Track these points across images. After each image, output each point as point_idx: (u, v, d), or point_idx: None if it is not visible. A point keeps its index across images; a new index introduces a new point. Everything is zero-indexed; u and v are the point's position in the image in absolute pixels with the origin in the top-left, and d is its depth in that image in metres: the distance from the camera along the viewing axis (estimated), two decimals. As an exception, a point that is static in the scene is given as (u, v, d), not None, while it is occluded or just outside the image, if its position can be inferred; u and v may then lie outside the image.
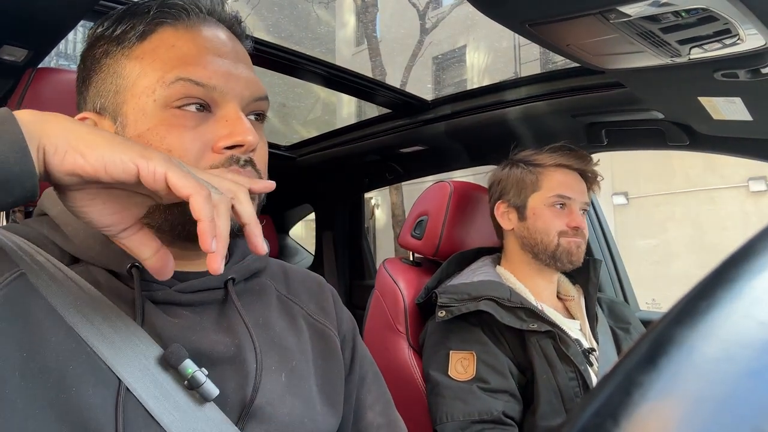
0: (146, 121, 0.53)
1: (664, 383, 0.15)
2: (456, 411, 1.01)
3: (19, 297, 0.49)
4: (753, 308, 0.16)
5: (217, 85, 0.54)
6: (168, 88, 0.52)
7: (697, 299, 0.17)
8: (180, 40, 0.54)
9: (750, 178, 7.58)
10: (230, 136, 0.53)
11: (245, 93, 0.56)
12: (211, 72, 0.53)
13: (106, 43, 0.56)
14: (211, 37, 0.56)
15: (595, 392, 0.16)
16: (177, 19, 0.55)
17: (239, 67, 0.56)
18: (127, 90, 0.54)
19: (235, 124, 0.54)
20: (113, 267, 0.55)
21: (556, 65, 8.00)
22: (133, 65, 0.54)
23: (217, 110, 0.55)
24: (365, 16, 8.76)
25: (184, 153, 0.52)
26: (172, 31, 0.55)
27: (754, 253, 0.18)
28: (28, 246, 0.54)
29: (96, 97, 0.56)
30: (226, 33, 0.58)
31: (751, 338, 0.16)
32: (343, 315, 0.74)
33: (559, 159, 1.21)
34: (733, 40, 0.71)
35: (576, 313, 1.21)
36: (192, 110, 0.53)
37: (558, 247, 1.17)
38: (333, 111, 12.88)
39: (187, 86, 0.52)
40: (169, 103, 0.53)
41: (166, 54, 0.53)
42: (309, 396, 0.61)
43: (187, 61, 0.53)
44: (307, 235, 6.94)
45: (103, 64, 0.56)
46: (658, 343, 0.16)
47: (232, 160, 0.54)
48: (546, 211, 1.19)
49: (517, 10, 0.73)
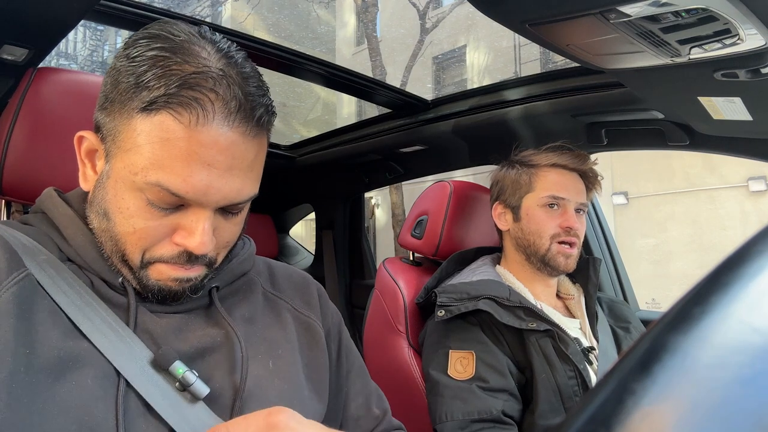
0: (123, 191, 0.54)
1: (658, 390, 0.15)
2: (455, 410, 1.01)
3: (26, 295, 0.52)
4: (747, 314, 0.16)
5: (193, 197, 0.53)
6: (147, 184, 0.52)
7: (691, 304, 0.17)
8: (174, 137, 0.51)
9: (750, 177, 7.57)
10: (186, 238, 0.55)
11: (221, 202, 0.55)
12: (190, 185, 0.52)
13: (131, 77, 0.53)
14: (209, 143, 0.52)
15: (589, 399, 0.16)
16: (185, 111, 0.51)
17: (228, 176, 0.54)
18: (120, 150, 0.54)
19: (195, 232, 0.54)
20: (106, 277, 0.58)
21: (556, 65, 8.00)
22: (130, 135, 0.53)
23: (189, 209, 0.55)
24: (365, 15, 8.75)
25: (144, 236, 0.54)
26: (172, 121, 0.51)
27: (749, 257, 0.18)
28: (32, 244, 0.57)
29: (103, 124, 0.56)
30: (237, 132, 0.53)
31: (745, 345, 0.16)
32: (329, 309, 0.77)
33: (554, 158, 1.19)
34: (733, 40, 0.71)
35: (576, 311, 1.21)
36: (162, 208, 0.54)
37: (548, 252, 1.16)
38: (333, 111, 12.87)
39: (163, 192, 0.52)
40: (144, 192, 0.53)
41: (158, 146, 0.51)
42: (297, 380, 0.65)
43: (171, 167, 0.52)
44: (307, 235, 6.94)
45: (117, 101, 0.54)
46: (651, 349, 0.16)
47: (182, 255, 0.56)
48: (539, 211, 1.18)
49: (517, 10, 0.73)
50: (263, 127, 0.57)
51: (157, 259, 0.56)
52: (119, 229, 0.55)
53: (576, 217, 1.18)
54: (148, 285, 0.56)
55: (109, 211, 0.55)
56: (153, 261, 0.56)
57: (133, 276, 0.57)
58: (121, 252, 0.56)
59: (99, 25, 8.85)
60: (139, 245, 0.55)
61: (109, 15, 1.08)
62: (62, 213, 0.60)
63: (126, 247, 0.55)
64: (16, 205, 0.90)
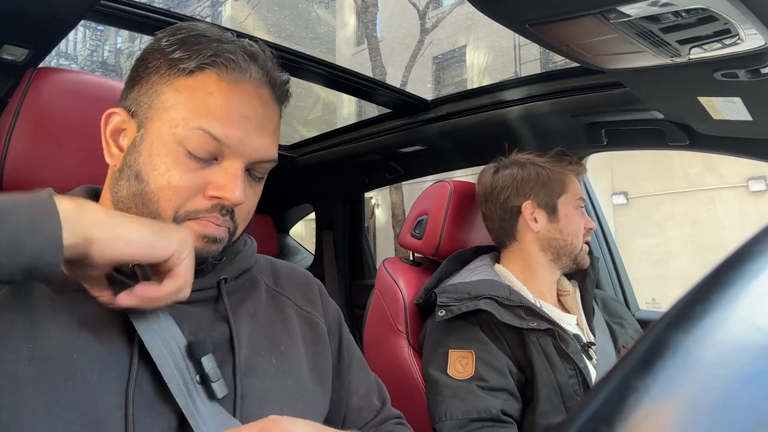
0: (160, 147, 0.58)
1: (660, 388, 0.15)
2: (455, 409, 1.01)
3: (26, 289, 0.53)
4: (749, 312, 0.16)
5: (231, 144, 0.58)
6: (188, 131, 0.57)
7: (693, 303, 0.17)
8: (218, 91, 0.58)
9: (750, 177, 7.58)
10: (221, 189, 0.58)
11: (254, 156, 0.60)
12: (230, 132, 0.58)
13: (161, 59, 0.60)
14: (247, 98, 0.60)
15: (591, 397, 0.16)
16: (226, 69, 0.59)
17: (261, 132, 0.60)
18: (158, 112, 0.59)
19: (231, 180, 0.58)
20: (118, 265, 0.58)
21: (556, 65, 8.00)
22: (171, 94, 0.59)
23: (222, 160, 0.59)
24: (365, 15, 8.75)
25: (179, 190, 0.58)
26: (216, 78, 0.58)
27: (750, 257, 0.18)
28: None
29: (134, 101, 0.61)
30: (265, 94, 0.62)
31: (746, 343, 0.16)
32: (329, 306, 0.79)
33: (571, 165, 1.26)
34: (733, 40, 0.71)
35: (572, 307, 1.22)
36: (201, 156, 0.58)
37: (581, 251, 1.22)
38: (333, 111, 12.87)
39: (205, 137, 0.57)
40: (183, 143, 0.57)
41: (201, 99, 0.58)
42: (300, 375, 0.66)
43: (214, 114, 0.58)
44: (307, 235, 6.95)
45: (151, 77, 0.60)
46: (653, 347, 0.16)
47: (215, 207, 0.59)
48: (575, 214, 1.23)
49: (517, 10, 0.73)
50: (283, 97, 0.65)
51: (191, 215, 0.58)
52: (153, 187, 0.58)
53: None
54: None
55: (142, 171, 0.58)
56: (185, 218, 0.58)
57: None
58: (153, 212, 0.58)
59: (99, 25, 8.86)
60: (173, 201, 0.58)
61: (109, 15, 1.08)
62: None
63: (159, 205, 0.58)
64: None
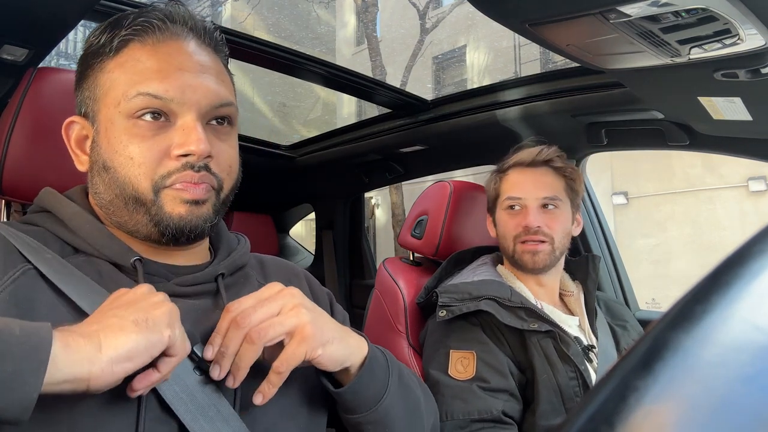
0: (113, 130, 0.59)
1: (660, 388, 0.15)
2: (455, 410, 1.01)
3: (25, 292, 0.53)
4: (749, 312, 0.16)
5: (174, 96, 0.58)
6: (129, 102, 0.58)
7: (693, 303, 0.17)
8: (145, 56, 0.60)
9: (750, 177, 7.57)
10: (182, 145, 0.58)
11: (203, 102, 0.60)
12: (167, 85, 0.58)
13: (91, 53, 0.62)
14: (175, 52, 0.60)
15: (591, 397, 0.16)
16: (146, 34, 0.60)
17: (200, 77, 0.60)
18: (101, 100, 0.60)
19: (188, 133, 0.59)
20: (117, 260, 0.60)
21: (556, 65, 7.99)
22: (107, 78, 0.60)
23: (176, 120, 0.59)
24: (365, 15, 8.75)
25: (144, 160, 0.58)
26: (139, 47, 0.60)
27: (750, 257, 0.18)
28: (36, 245, 0.58)
29: (83, 102, 0.63)
30: (195, 44, 0.63)
31: (746, 343, 0.16)
32: (318, 292, 0.81)
33: (513, 159, 1.20)
34: (733, 40, 0.71)
35: (575, 308, 1.22)
36: (149, 119, 0.58)
37: (514, 253, 1.17)
38: (333, 111, 12.86)
39: (146, 100, 0.58)
40: (130, 115, 0.58)
41: (131, 69, 0.59)
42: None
43: (148, 76, 0.58)
44: (307, 235, 6.95)
45: (89, 72, 0.62)
46: (654, 347, 0.16)
47: (186, 166, 0.59)
48: (503, 215, 1.20)
49: (517, 10, 0.73)
50: (218, 46, 0.65)
51: (167, 183, 0.59)
52: (120, 170, 0.59)
53: (541, 213, 1.15)
54: (163, 219, 0.59)
55: (107, 160, 0.59)
56: (161, 186, 0.58)
57: (149, 218, 0.59)
58: (132, 194, 0.59)
59: (99, 25, 8.80)
60: (142, 174, 0.58)
61: (109, 15, 1.07)
62: (67, 207, 0.62)
63: (133, 185, 0.58)
64: (16, 205, 0.90)
